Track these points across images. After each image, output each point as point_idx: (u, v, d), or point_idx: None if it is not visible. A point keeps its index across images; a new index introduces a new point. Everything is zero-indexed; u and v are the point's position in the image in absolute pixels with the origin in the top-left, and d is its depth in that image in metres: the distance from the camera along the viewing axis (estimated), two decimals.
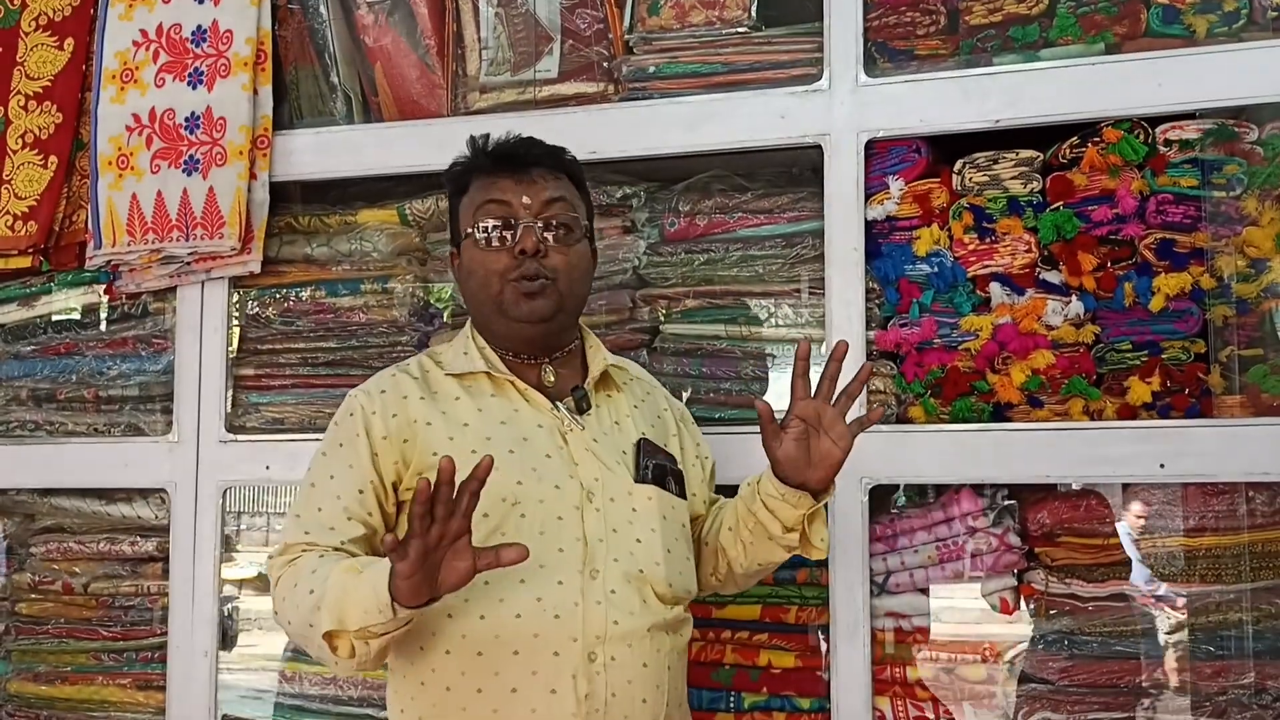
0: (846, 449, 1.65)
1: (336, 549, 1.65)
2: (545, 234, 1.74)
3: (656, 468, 1.76)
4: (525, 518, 1.65)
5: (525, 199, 1.74)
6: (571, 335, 1.84)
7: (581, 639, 1.60)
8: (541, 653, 1.59)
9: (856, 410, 1.82)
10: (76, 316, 2.84)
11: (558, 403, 1.76)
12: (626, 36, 2.49)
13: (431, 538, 1.41)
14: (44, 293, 2.84)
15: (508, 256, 1.73)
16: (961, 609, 2.30)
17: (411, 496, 1.43)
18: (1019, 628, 2.25)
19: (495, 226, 1.74)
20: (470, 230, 1.77)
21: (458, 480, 1.42)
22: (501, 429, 1.71)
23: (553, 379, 1.79)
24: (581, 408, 1.77)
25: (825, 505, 1.74)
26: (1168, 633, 2.17)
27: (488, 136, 1.85)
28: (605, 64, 2.50)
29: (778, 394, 2.37)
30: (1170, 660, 2.16)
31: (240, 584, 2.70)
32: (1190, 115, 2.15)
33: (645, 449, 1.78)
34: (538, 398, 1.75)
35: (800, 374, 1.67)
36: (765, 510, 1.71)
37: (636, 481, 1.74)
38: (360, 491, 1.69)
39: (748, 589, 2.04)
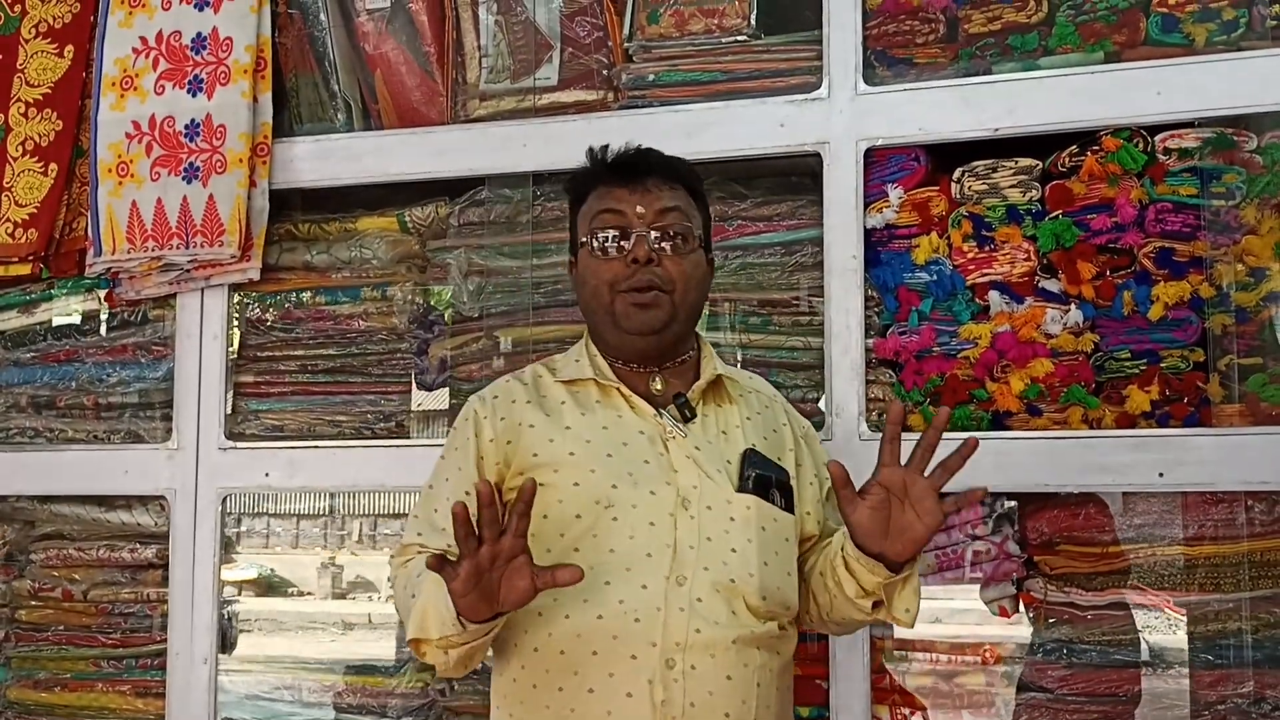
0: (932, 527, 1.54)
1: (444, 551, 1.63)
2: (659, 243, 1.72)
3: (759, 478, 1.71)
4: (617, 521, 1.64)
5: (640, 208, 1.73)
6: (686, 345, 1.81)
7: (660, 644, 1.59)
8: (619, 655, 1.59)
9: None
10: (76, 322, 2.85)
11: (661, 410, 1.74)
12: (626, 44, 2.50)
13: (483, 558, 1.43)
14: (44, 299, 2.84)
15: (621, 265, 1.72)
16: (961, 616, 2.31)
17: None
18: (1017, 631, 2.26)
19: (610, 236, 1.73)
20: (586, 239, 1.76)
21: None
22: (602, 433, 1.71)
23: (661, 387, 1.77)
24: (685, 415, 1.74)
25: (916, 573, 1.64)
26: (1166, 642, 2.17)
27: (606, 147, 1.83)
28: (605, 72, 2.51)
29: None
30: (1169, 669, 2.16)
31: (240, 586, 2.70)
32: (1189, 124, 2.16)
33: (750, 459, 1.73)
34: (641, 404, 1.74)
35: (890, 438, 1.55)
36: (845, 569, 1.64)
37: (737, 491, 1.70)
38: (467, 494, 1.69)
39: None
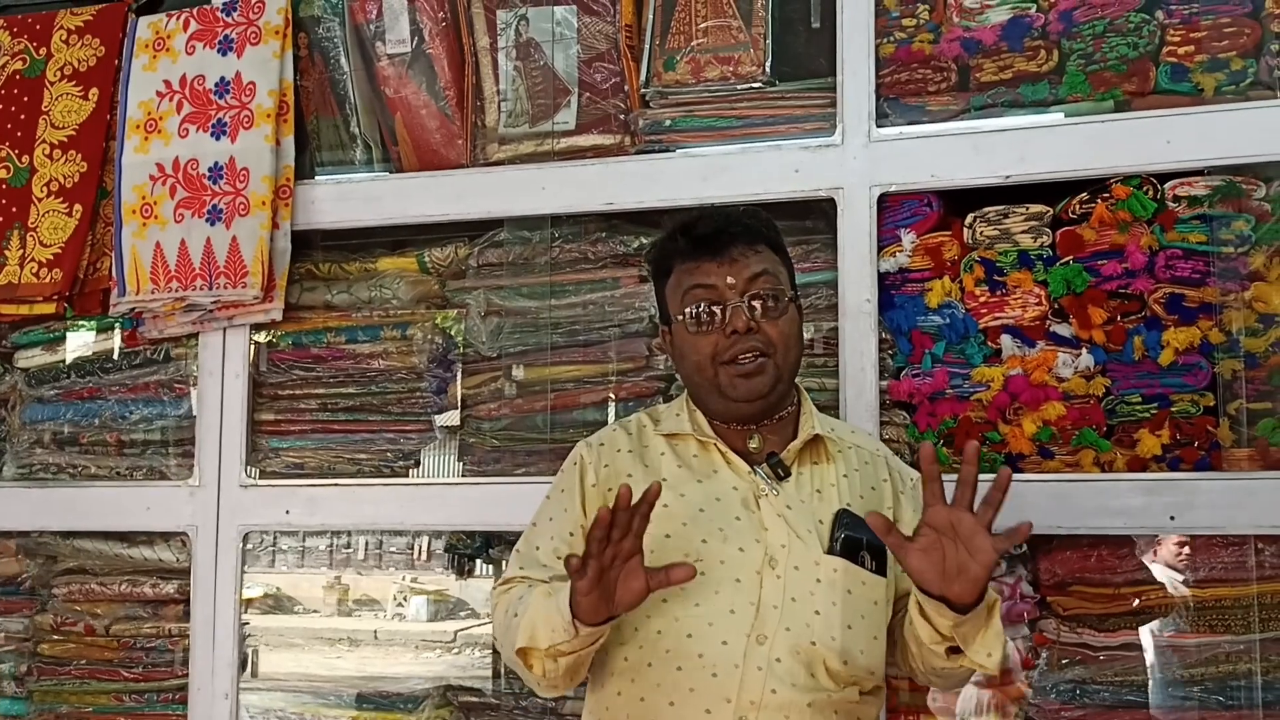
0: (987, 565, 1.50)
1: (545, 583, 1.72)
2: (754, 309, 1.73)
3: (849, 540, 1.70)
4: (704, 575, 1.65)
5: (730, 279, 1.73)
6: (786, 402, 1.82)
7: (735, 702, 1.61)
8: (695, 708, 1.62)
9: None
10: (92, 356, 2.89)
11: (756, 467, 1.75)
12: (643, 90, 2.54)
13: (606, 557, 1.51)
14: (60, 339, 2.89)
15: (720, 337, 1.73)
16: None
17: (592, 522, 1.52)
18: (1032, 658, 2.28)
19: (704, 309, 1.74)
20: (680, 316, 1.77)
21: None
22: (697, 487, 1.74)
23: (758, 444, 1.78)
24: (779, 474, 1.75)
25: (996, 614, 1.60)
26: (1178, 682, 2.19)
27: (686, 219, 1.84)
28: (622, 116, 2.55)
29: None
30: (1181, 710, 2.18)
31: (248, 604, 2.73)
32: (1199, 172, 2.19)
33: (841, 520, 1.72)
34: (737, 461, 1.76)
35: (931, 478, 1.54)
36: (919, 615, 1.60)
37: (826, 552, 1.70)
38: (571, 534, 1.77)
39: None
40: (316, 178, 2.72)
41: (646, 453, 1.81)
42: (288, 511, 2.61)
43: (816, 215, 2.47)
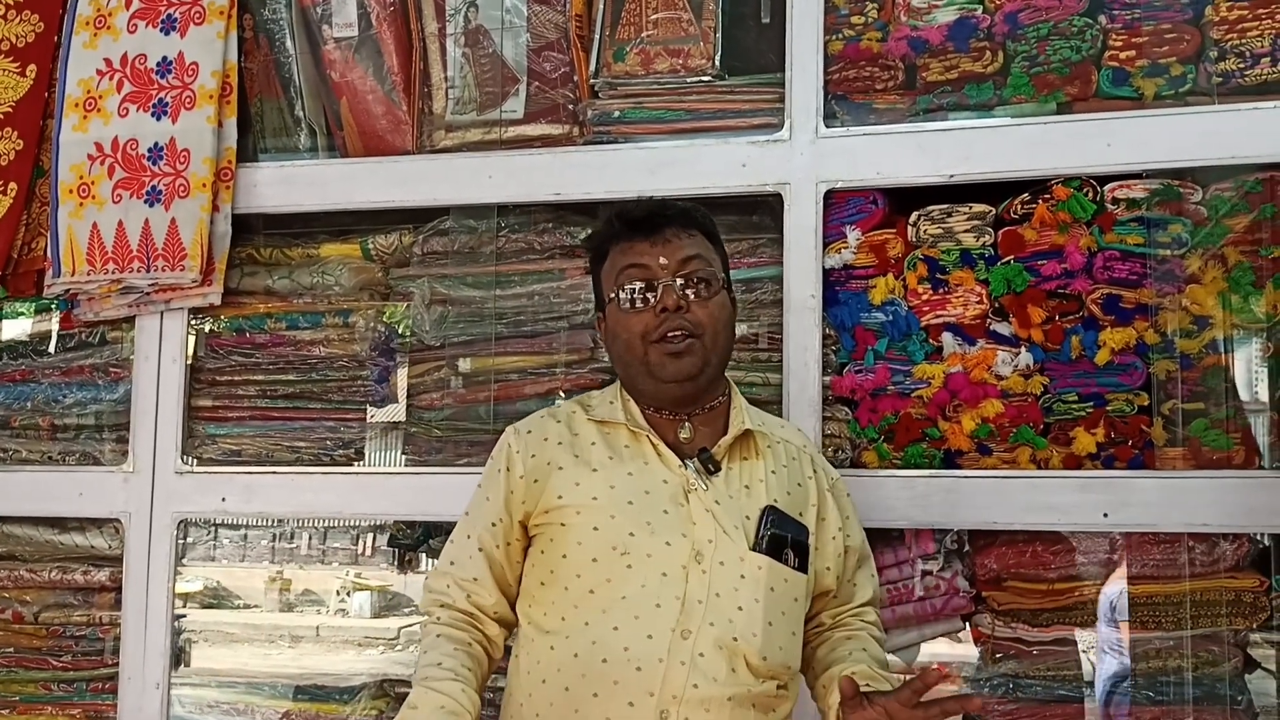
0: None
1: (468, 593, 1.80)
2: (685, 290, 1.77)
3: (774, 538, 1.74)
4: (631, 569, 1.69)
5: (663, 259, 1.78)
6: (717, 391, 1.85)
7: (658, 695, 1.64)
8: (618, 700, 1.65)
9: None
10: (25, 338, 2.83)
11: (687, 461, 1.78)
12: (592, 81, 2.53)
13: None
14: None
15: (651, 316, 1.77)
16: (911, 649, 2.35)
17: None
18: (967, 651, 2.30)
19: (637, 289, 1.78)
20: (613, 295, 1.81)
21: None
22: (627, 480, 1.76)
23: (689, 435, 1.82)
24: (710, 468, 1.78)
25: None
26: (1109, 678, 2.23)
27: (624, 205, 1.91)
28: (570, 106, 2.54)
29: None
30: (1112, 705, 2.22)
31: (186, 599, 2.69)
32: (1137, 175, 2.22)
33: (769, 517, 1.76)
34: (668, 454, 1.78)
35: (917, 691, 1.60)
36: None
37: (751, 549, 1.73)
38: (493, 525, 1.81)
39: None
40: (259, 161, 2.68)
41: (577, 441, 1.82)
42: (224, 499, 2.57)
43: (763, 210, 2.48)
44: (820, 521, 1.84)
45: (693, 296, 1.77)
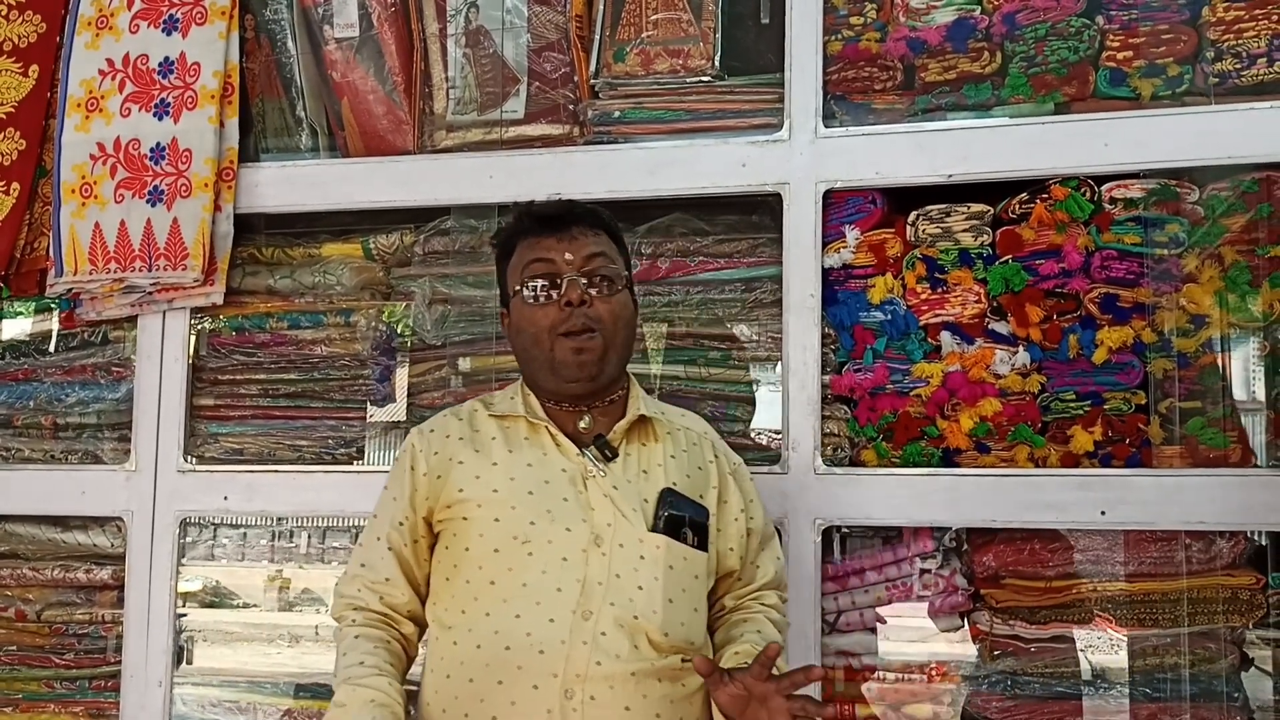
0: None
1: (381, 595, 1.84)
2: (589, 287, 1.81)
3: (671, 518, 1.80)
4: (532, 556, 1.74)
5: (568, 255, 1.82)
6: (617, 385, 1.89)
7: (561, 676, 1.68)
8: (522, 684, 1.68)
9: None
10: (27, 337, 2.84)
11: (584, 449, 1.83)
12: (592, 81, 2.54)
13: None
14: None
15: (555, 310, 1.81)
16: (909, 646, 2.36)
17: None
18: (965, 659, 2.32)
19: (542, 284, 1.82)
20: (518, 289, 1.85)
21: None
22: (527, 471, 1.80)
23: (588, 425, 1.86)
24: (607, 455, 1.83)
25: None
26: (1107, 675, 2.24)
27: (531, 203, 1.96)
28: (571, 107, 2.55)
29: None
30: (1109, 702, 2.23)
31: (185, 598, 2.70)
32: (1135, 175, 2.24)
33: (666, 499, 1.81)
34: (566, 443, 1.83)
35: (764, 664, 1.64)
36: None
37: (650, 530, 1.78)
38: (400, 524, 1.85)
39: None
40: (261, 161, 2.69)
41: (477, 437, 1.86)
42: (226, 498, 2.58)
43: (763, 210, 2.49)
44: (722, 504, 1.89)
45: (595, 293, 1.81)
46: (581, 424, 1.86)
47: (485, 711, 1.69)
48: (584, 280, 1.81)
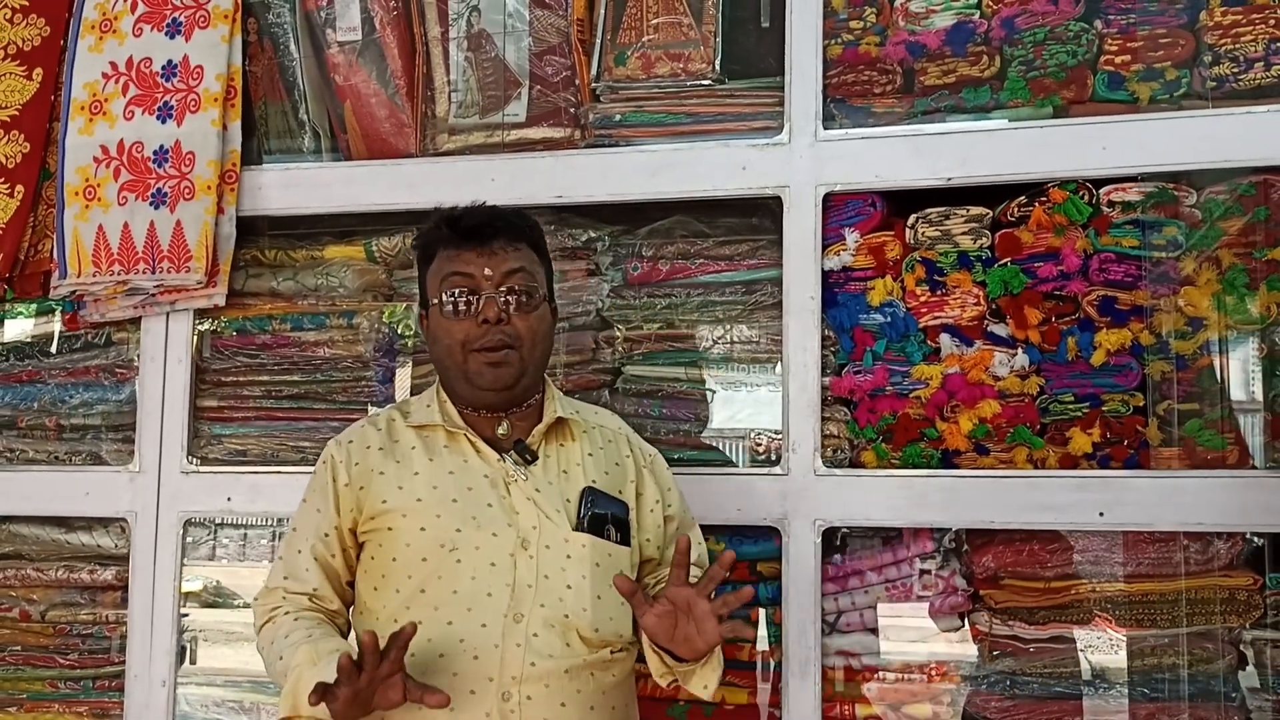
0: (711, 643, 1.68)
1: (310, 597, 1.83)
2: (507, 302, 1.83)
3: (595, 516, 1.84)
4: (461, 563, 1.77)
5: (487, 270, 1.84)
6: (533, 392, 1.92)
7: (498, 679, 1.72)
8: (460, 691, 1.70)
9: None
10: (31, 339, 2.85)
11: (504, 454, 1.86)
12: (593, 84, 2.56)
13: (361, 682, 1.56)
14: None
15: (472, 325, 1.83)
16: (909, 646, 2.37)
17: (338, 666, 1.55)
18: (964, 659, 2.33)
19: (460, 297, 1.84)
20: (436, 300, 1.87)
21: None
22: (449, 478, 1.83)
23: (506, 431, 1.89)
24: (527, 458, 1.86)
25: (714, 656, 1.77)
26: (1106, 675, 2.25)
27: (454, 208, 1.96)
28: (572, 110, 2.56)
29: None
30: (1108, 702, 2.24)
31: (186, 598, 2.71)
32: (1133, 178, 2.25)
33: (588, 498, 1.86)
34: (486, 449, 1.86)
35: (679, 564, 1.69)
36: (649, 649, 1.77)
37: (574, 529, 1.83)
38: (326, 535, 1.86)
39: None
40: (264, 164, 2.70)
41: (397, 448, 1.88)
42: (229, 499, 2.60)
43: (763, 213, 2.50)
44: (639, 497, 1.94)
45: (513, 308, 1.84)
46: (500, 430, 1.88)
47: (424, 718, 1.70)
48: (503, 296, 1.83)
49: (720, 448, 2.52)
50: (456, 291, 1.84)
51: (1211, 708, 2.19)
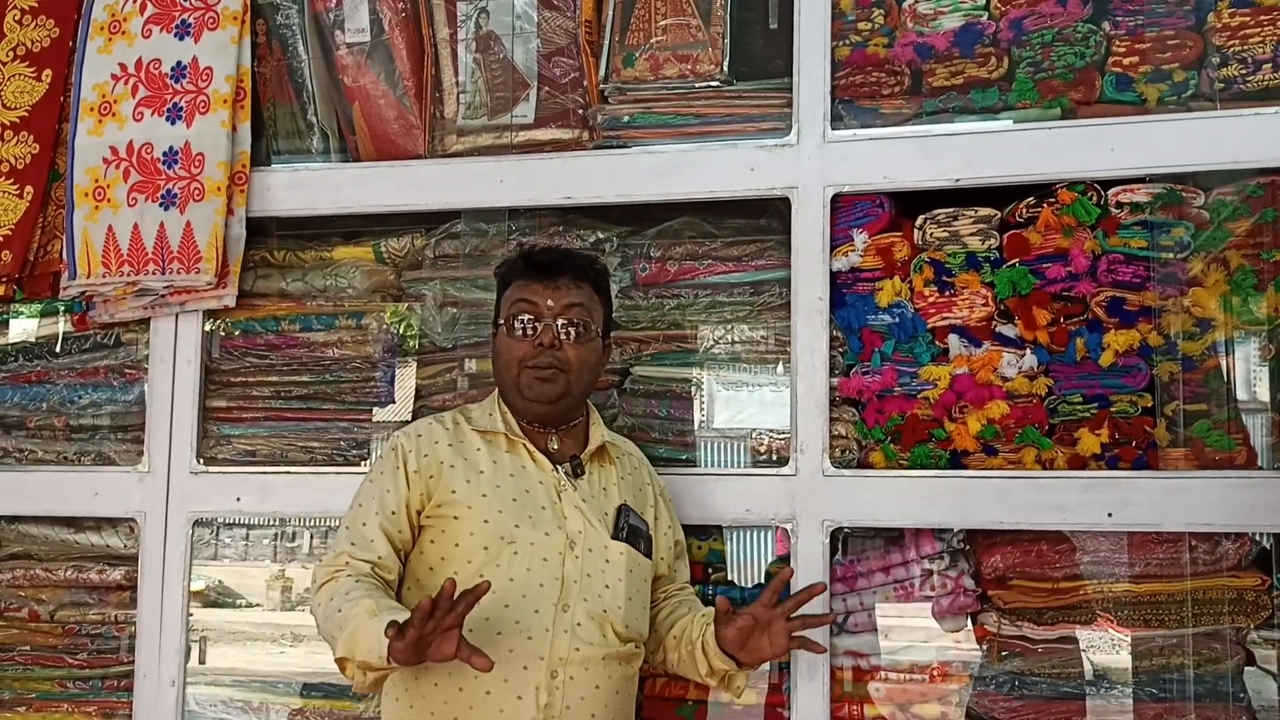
0: (778, 655, 2.04)
1: (373, 564, 1.98)
2: (563, 332, 2.07)
3: (630, 529, 2.10)
4: (517, 554, 1.99)
5: (550, 301, 2.08)
6: (577, 413, 2.17)
7: (548, 658, 1.95)
8: (513, 665, 1.93)
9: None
10: (40, 339, 2.86)
11: (558, 466, 2.09)
12: (601, 86, 2.56)
13: (428, 629, 1.72)
14: (6, 322, 2.86)
15: (529, 346, 2.07)
16: (917, 646, 2.38)
17: (416, 607, 1.71)
18: (971, 659, 2.33)
19: (524, 321, 2.08)
20: (504, 321, 2.12)
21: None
22: (510, 480, 2.06)
23: (557, 445, 2.13)
24: (576, 472, 2.10)
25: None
26: (1113, 675, 2.26)
27: (534, 246, 2.26)
28: (580, 111, 2.57)
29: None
30: (1114, 702, 2.24)
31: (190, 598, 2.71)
32: (1141, 179, 2.25)
33: (624, 513, 2.11)
34: (542, 459, 2.09)
35: (774, 589, 1.99)
36: (703, 653, 2.04)
37: (612, 538, 2.07)
38: (394, 512, 2.03)
39: None
40: (273, 165, 2.71)
41: (464, 446, 2.09)
42: (239, 499, 2.60)
43: (771, 214, 2.51)
44: (655, 521, 2.19)
45: (567, 338, 2.07)
46: (552, 444, 2.12)
47: (479, 686, 1.92)
48: (560, 325, 2.07)
49: (724, 448, 2.53)
50: (523, 318, 2.08)
51: (1219, 708, 2.19)
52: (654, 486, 2.24)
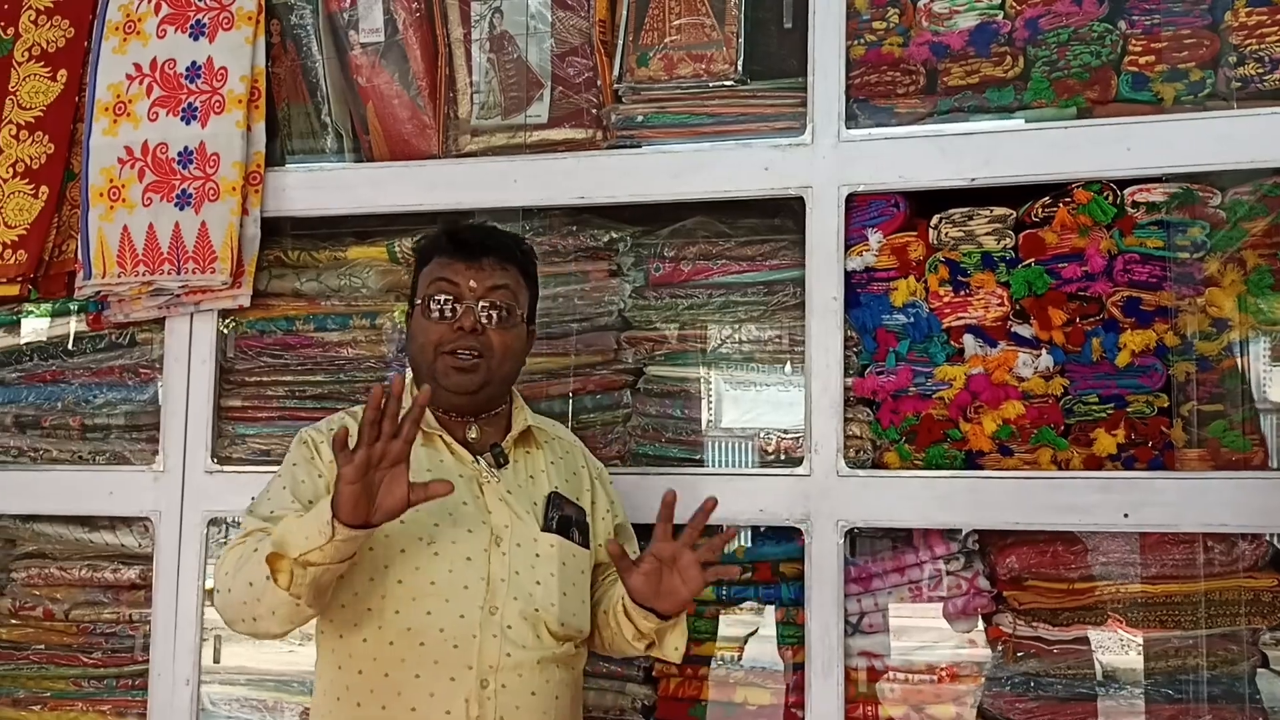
0: (694, 590, 1.84)
1: None
2: (485, 315, 1.93)
3: (561, 519, 1.96)
4: (438, 556, 1.85)
5: (472, 282, 1.94)
6: (499, 400, 2.02)
7: (476, 667, 1.81)
8: (440, 678, 1.80)
9: None
10: (55, 339, 2.86)
11: (478, 456, 1.96)
12: (615, 85, 2.56)
13: (376, 451, 1.62)
14: (19, 321, 2.87)
15: (448, 329, 1.93)
16: (932, 647, 2.38)
17: (364, 407, 1.63)
18: (986, 658, 2.33)
19: (442, 302, 1.94)
20: (421, 300, 1.97)
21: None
22: (425, 476, 1.86)
23: (476, 435, 1.98)
24: (499, 462, 1.97)
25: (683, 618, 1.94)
26: (1127, 676, 2.25)
27: (456, 224, 2.09)
28: (594, 111, 2.57)
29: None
30: (1129, 703, 2.24)
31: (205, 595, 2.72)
32: (1157, 179, 2.24)
33: (554, 501, 1.98)
34: (461, 451, 1.95)
35: (664, 519, 1.84)
36: (625, 616, 1.92)
37: (543, 530, 1.94)
38: (310, 501, 1.86)
39: None
40: (287, 165, 2.71)
41: None
42: (253, 498, 2.59)
43: (785, 213, 2.50)
44: (593, 505, 2.06)
45: (489, 322, 1.93)
46: (470, 434, 1.98)
47: (404, 704, 1.79)
48: (482, 308, 1.93)
49: (736, 449, 2.53)
50: (441, 297, 1.94)
51: (1234, 709, 2.18)
52: (589, 469, 2.10)
